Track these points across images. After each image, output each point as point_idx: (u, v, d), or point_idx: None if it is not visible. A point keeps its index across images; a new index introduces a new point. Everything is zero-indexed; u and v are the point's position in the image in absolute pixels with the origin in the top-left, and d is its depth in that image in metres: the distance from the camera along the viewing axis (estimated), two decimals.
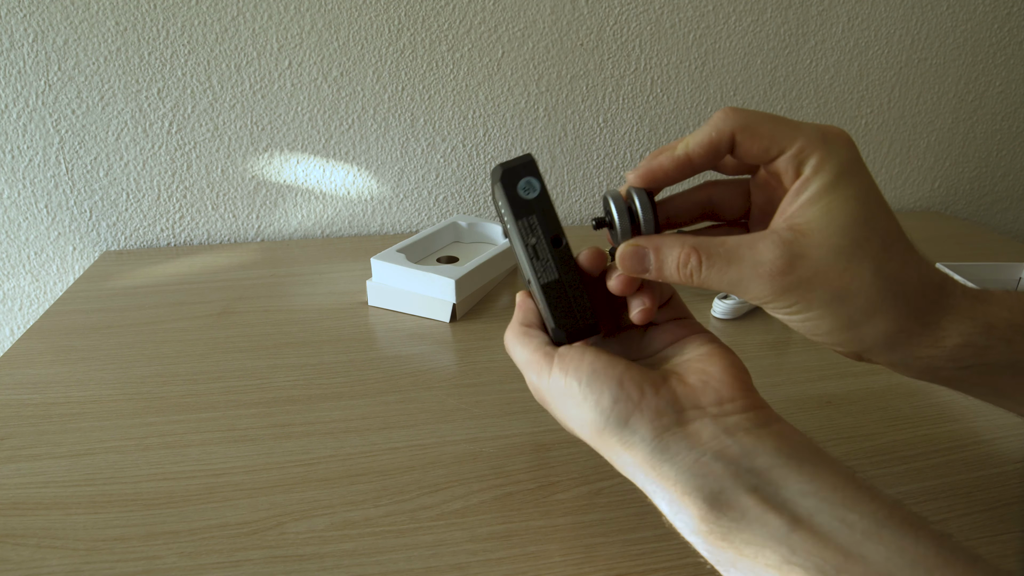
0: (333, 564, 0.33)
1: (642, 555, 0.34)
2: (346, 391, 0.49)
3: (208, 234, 0.82)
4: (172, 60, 0.73)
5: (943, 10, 0.87)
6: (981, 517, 0.37)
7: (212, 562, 0.34)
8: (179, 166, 0.78)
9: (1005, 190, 1.02)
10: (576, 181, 0.88)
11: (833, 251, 0.25)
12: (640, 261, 0.28)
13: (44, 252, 0.79)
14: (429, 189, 0.85)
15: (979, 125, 0.96)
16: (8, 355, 0.54)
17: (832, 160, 0.25)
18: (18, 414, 0.46)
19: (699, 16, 0.82)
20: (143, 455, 0.42)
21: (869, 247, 0.25)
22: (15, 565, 0.33)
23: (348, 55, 0.76)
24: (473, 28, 0.78)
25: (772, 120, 0.27)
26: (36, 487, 0.39)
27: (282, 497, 0.38)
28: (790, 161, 0.26)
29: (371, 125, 0.80)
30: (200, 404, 0.47)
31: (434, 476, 0.40)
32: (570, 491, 0.39)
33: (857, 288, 0.25)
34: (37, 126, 0.73)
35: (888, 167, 0.96)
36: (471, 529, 0.36)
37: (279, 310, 0.62)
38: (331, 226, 0.85)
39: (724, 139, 0.27)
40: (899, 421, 0.46)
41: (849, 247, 0.25)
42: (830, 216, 0.25)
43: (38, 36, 0.70)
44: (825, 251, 0.25)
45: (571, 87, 0.83)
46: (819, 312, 0.26)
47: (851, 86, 0.90)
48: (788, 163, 0.26)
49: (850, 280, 0.25)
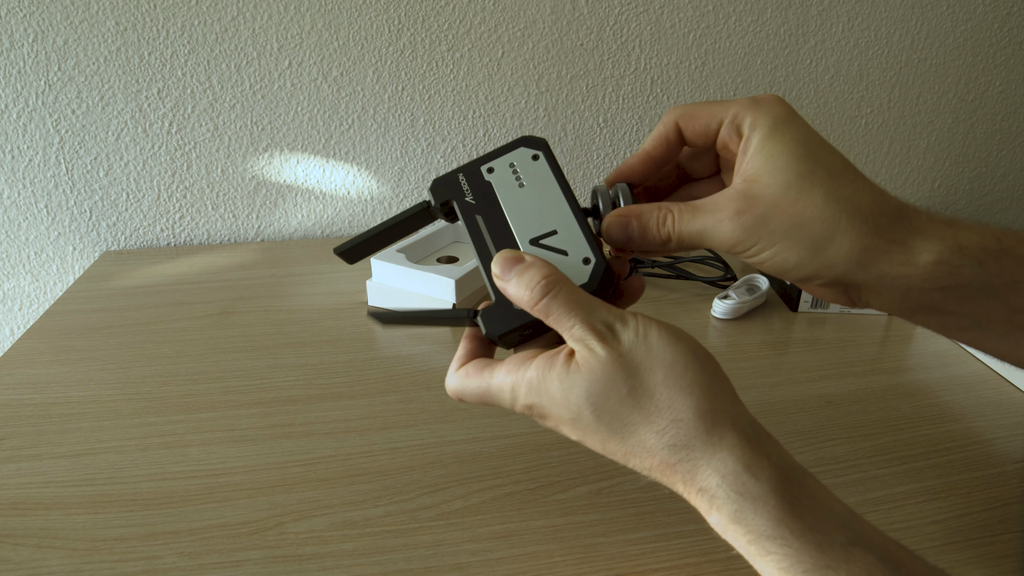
0: (333, 564, 0.34)
1: (642, 555, 0.34)
2: (346, 391, 0.49)
3: (208, 234, 0.82)
4: (172, 60, 0.73)
5: (943, 10, 0.87)
6: (981, 517, 0.37)
7: (212, 562, 0.34)
8: (179, 166, 0.78)
9: (1005, 190, 1.02)
10: (576, 181, 0.88)
11: (782, 187, 0.27)
12: (624, 229, 0.31)
13: (44, 252, 0.79)
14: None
15: (979, 125, 0.96)
16: (8, 355, 0.54)
17: (764, 115, 0.29)
18: (18, 414, 0.46)
19: (699, 16, 0.82)
20: (143, 455, 0.42)
21: (815, 177, 0.27)
22: (15, 565, 0.33)
23: (348, 55, 0.76)
24: (473, 28, 0.78)
25: (707, 103, 0.31)
26: (36, 487, 0.39)
27: (282, 497, 0.38)
28: (730, 129, 0.30)
29: (371, 125, 0.80)
30: (200, 404, 0.47)
31: (434, 476, 0.40)
32: (570, 491, 0.39)
33: (811, 214, 0.27)
34: (37, 126, 0.73)
35: (888, 167, 0.96)
36: (471, 529, 0.36)
37: (279, 310, 0.62)
38: (331, 226, 0.85)
39: (671, 130, 0.31)
40: (899, 421, 0.46)
41: (796, 180, 0.27)
42: (773, 159, 0.28)
43: (38, 36, 0.70)
44: (775, 188, 0.28)
45: (571, 87, 0.83)
46: (783, 244, 0.28)
47: (851, 86, 0.90)
48: (729, 131, 0.30)
49: (803, 207, 0.27)
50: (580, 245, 0.30)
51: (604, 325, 0.27)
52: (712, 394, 0.26)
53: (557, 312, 0.27)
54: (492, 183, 0.33)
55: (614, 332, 0.27)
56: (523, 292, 0.28)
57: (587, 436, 0.28)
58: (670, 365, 0.26)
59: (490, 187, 0.32)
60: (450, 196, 0.32)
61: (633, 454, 0.27)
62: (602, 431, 0.27)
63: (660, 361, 0.26)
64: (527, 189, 0.32)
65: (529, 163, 0.33)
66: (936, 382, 0.51)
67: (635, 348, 0.26)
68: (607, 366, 0.26)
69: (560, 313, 0.27)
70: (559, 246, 0.31)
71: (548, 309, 0.27)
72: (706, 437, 0.25)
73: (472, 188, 0.32)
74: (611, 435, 0.27)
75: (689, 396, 0.26)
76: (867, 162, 0.95)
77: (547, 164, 0.33)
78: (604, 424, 0.27)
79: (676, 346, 0.27)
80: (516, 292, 0.28)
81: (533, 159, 0.33)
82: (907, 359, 0.54)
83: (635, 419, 0.26)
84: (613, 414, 0.26)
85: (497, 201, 0.32)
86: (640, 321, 0.27)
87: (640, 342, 0.27)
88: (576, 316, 0.27)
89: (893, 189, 0.98)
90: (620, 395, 0.26)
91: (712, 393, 0.26)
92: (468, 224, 0.32)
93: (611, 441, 0.27)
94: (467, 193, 0.32)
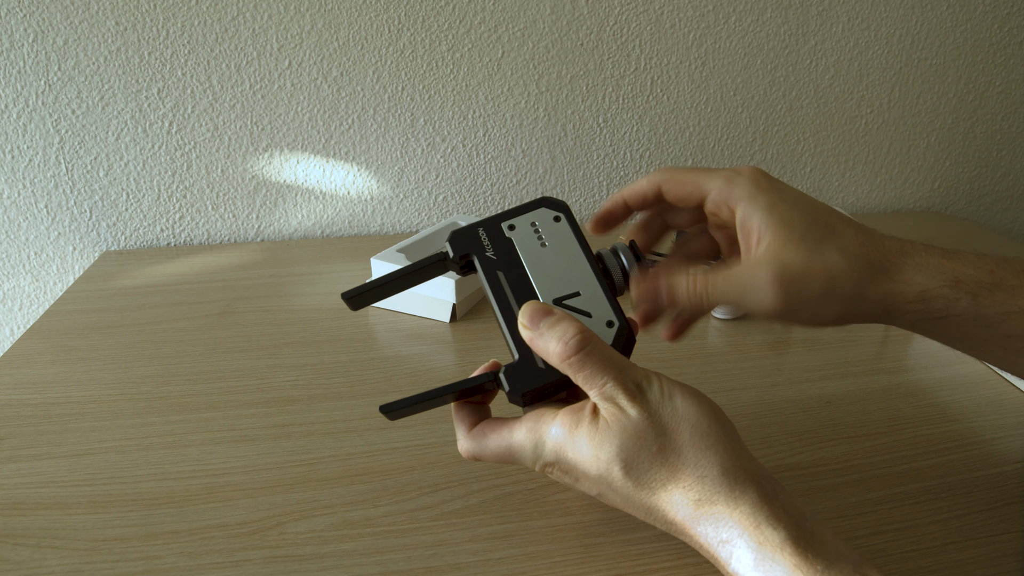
0: (333, 564, 0.34)
1: (642, 555, 0.34)
2: (346, 391, 0.49)
3: (208, 234, 0.82)
4: (172, 60, 0.73)
5: (943, 10, 0.87)
6: (981, 517, 0.37)
7: (212, 562, 0.34)
8: (179, 166, 0.78)
9: (1005, 190, 1.02)
10: (576, 181, 0.88)
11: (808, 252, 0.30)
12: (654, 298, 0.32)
13: (44, 252, 0.79)
14: (429, 189, 0.85)
15: (979, 125, 0.96)
16: (8, 355, 0.54)
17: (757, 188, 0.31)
18: (18, 414, 0.46)
19: (699, 16, 0.82)
20: (143, 455, 0.42)
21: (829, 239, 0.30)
22: (15, 565, 0.33)
23: (348, 55, 0.76)
24: (473, 28, 0.78)
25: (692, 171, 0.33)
26: (36, 487, 0.39)
27: (282, 497, 0.38)
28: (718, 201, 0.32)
29: (371, 125, 0.80)
30: (200, 404, 0.47)
31: (434, 476, 0.40)
32: (570, 491, 0.39)
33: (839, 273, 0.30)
34: (37, 126, 0.73)
35: (888, 167, 0.96)
36: (471, 529, 0.36)
37: (279, 310, 0.62)
38: (331, 226, 0.85)
39: (651, 189, 0.34)
40: (899, 421, 0.46)
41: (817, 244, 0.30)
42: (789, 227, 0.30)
43: (38, 36, 0.70)
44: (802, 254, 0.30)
45: (571, 87, 0.83)
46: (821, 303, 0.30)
47: (851, 86, 0.90)
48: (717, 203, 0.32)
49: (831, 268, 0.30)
50: (603, 308, 0.31)
51: (634, 384, 0.28)
52: (734, 452, 0.28)
53: (591, 368, 0.28)
54: (513, 240, 0.33)
55: (642, 391, 0.28)
56: (556, 344, 0.28)
57: (610, 491, 0.29)
58: (695, 425, 0.28)
59: (511, 244, 0.33)
60: (470, 250, 0.33)
61: (657, 509, 0.28)
62: (628, 487, 0.28)
63: (686, 421, 0.28)
64: (549, 250, 0.33)
65: (551, 224, 0.34)
66: (936, 382, 0.51)
67: (662, 408, 0.28)
68: (638, 424, 0.27)
69: (593, 370, 0.28)
70: (582, 307, 0.31)
71: (582, 365, 0.28)
72: (728, 492, 0.27)
73: (493, 243, 0.33)
74: (638, 491, 0.28)
75: (714, 455, 0.27)
76: (867, 162, 0.95)
77: (568, 226, 0.34)
78: (632, 480, 0.28)
79: (699, 407, 0.28)
80: (547, 344, 0.29)
81: (555, 220, 0.34)
82: (907, 359, 0.54)
83: (663, 476, 0.27)
84: (642, 470, 0.28)
85: (519, 259, 0.32)
86: (664, 382, 0.29)
87: (667, 402, 0.28)
88: (609, 374, 0.28)
89: (893, 189, 0.98)
90: (650, 452, 0.27)
91: (734, 452, 0.28)
92: (488, 279, 0.32)
93: (636, 497, 0.28)
94: (488, 248, 0.33)
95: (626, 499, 0.29)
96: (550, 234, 0.33)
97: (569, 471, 0.29)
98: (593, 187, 0.89)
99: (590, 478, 0.29)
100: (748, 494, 0.26)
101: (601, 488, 0.29)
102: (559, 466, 0.30)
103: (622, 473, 0.28)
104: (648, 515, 0.29)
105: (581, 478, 0.29)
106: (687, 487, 0.27)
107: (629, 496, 0.28)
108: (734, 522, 0.26)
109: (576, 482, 0.30)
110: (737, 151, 0.91)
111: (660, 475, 0.27)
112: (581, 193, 0.89)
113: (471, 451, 0.32)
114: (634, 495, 0.28)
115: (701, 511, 0.27)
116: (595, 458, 0.28)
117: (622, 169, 0.89)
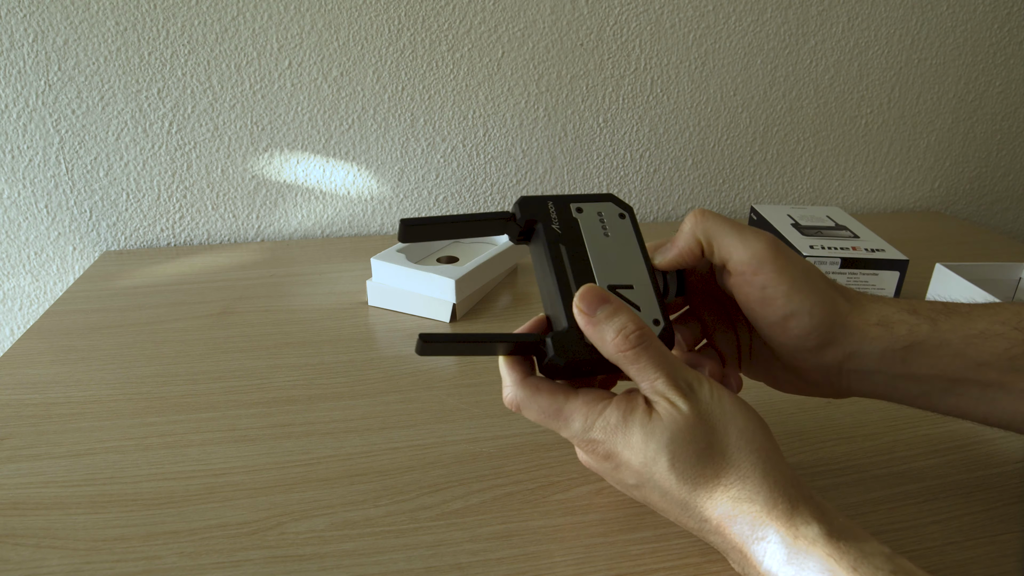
0: (333, 564, 0.34)
1: (642, 555, 0.34)
2: (346, 391, 0.49)
3: (208, 234, 0.82)
4: (172, 60, 0.73)
5: (943, 10, 0.87)
6: (981, 517, 0.37)
7: (212, 562, 0.34)
8: (179, 166, 0.78)
9: (1005, 190, 1.02)
10: (576, 181, 0.88)
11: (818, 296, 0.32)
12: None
13: (44, 252, 0.79)
14: (429, 189, 0.85)
15: (979, 125, 0.96)
16: (8, 355, 0.54)
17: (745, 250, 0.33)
18: (18, 414, 0.46)
19: (699, 16, 0.82)
20: (143, 455, 0.42)
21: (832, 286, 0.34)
22: (15, 565, 0.33)
23: (348, 55, 0.76)
24: (473, 28, 0.78)
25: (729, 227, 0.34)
26: (36, 487, 0.39)
27: (282, 497, 0.38)
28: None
29: (371, 125, 0.80)
30: (200, 404, 0.47)
31: (434, 476, 0.40)
32: (570, 491, 0.39)
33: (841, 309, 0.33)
34: (37, 126, 0.73)
35: (888, 167, 0.96)
36: (471, 529, 0.36)
37: (279, 310, 0.63)
38: (331, 226, 0.85)
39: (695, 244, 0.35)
40: (899, 421, 0.46)
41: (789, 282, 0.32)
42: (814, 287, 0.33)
43: (38, 36, 0.70)
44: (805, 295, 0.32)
45: (571, 87, 0.83)
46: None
47: (851, 86, 0.90)
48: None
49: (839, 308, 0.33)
50: (652, 306, 0.32)
51: (685, 383, 0.29)
52: (775, 459, 0.29)
53: (644, 363, 0.29)
54: (579, 221, 0.34)
55: (693, 390, 0.29)
56: (612, 335, 0.29)
57: (649, 484, 0.29)
58: (742, 429, 0.29)
59: (577, 224, 0.34)
60: (537, 217, 0.33)
61: (695, 506, 0.29)
62: (671, 481, 0.29)
63: (734, 424, 0.29)
64: (611, 240, 0.34)
65: (616, 218, 0.35)
66: None
67: (712, 408, 0.29)
68: (689, 420, 0.28)
69: (647, 364, 0.29)
70: (634, 300, 0.32)
71: (636, 358, 0.29)
72: (768, 494, 0.27)
73: (560, 218, 0.34)
74: (679, 485, 0.29)
75: (757, 458, 0.28)
76: (867, 162, 0.95)
77: (631, 225, 0.35)
78: (676, 474, 0.28)
79: (746, 413, 0.29)
80: (603, 334, 0.29)
81: (620, 216, 0.35)
82: None
83: (707, 473, 0.28)
84: (687, 465, 0.28)
85: (582, 239, 0.33)
86: (713, 384, 0.30)
87: (716, 403, 0.29)
88: (662, 371, 0.29)
89: (893, 189, 0.98)
90: (698, 448, 0.28)
91: (775, 458, 0.29)
92: (550, 249, 0.32)
93: (676, 491, 0.29)
94: (554, 221, 0.33)
95: (664, 493, 0.29)
96: (613, 227, 0.34)
97: (611, 456, 0.30)
98: (593, 187, 0.89)
99: (632, 467, 0.29)
100: (786, 496, 0.27)
101: (641, 479, 0.30)
102: (603, 448, 0.30)
103: (667, 465, 0.28)
104: (683, 511, 0.29)
105: (622, 466, 0.30)
106: (728, 485, 0.28)
107: (669, 490, 0.29)
108: (771, 520, 0.27)
109: (615, 469, 0.30)
110: (737, 151, 0.91)
111: (705, 472, 0.28)
112: (581, 193, 0.89)
113: (518, 401, 0.32)
114: (675, 489, 0.29)
115: (739, 510, 0.28)
116: (643, 446, 0.29)
117: (622, 169, 0.89)
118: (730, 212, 0.95)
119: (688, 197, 0.92)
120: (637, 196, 0.91)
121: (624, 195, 0.91)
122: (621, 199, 0.35)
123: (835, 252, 0.60)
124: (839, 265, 0.59)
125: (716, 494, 0.28)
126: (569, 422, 0.31)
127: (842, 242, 0.62)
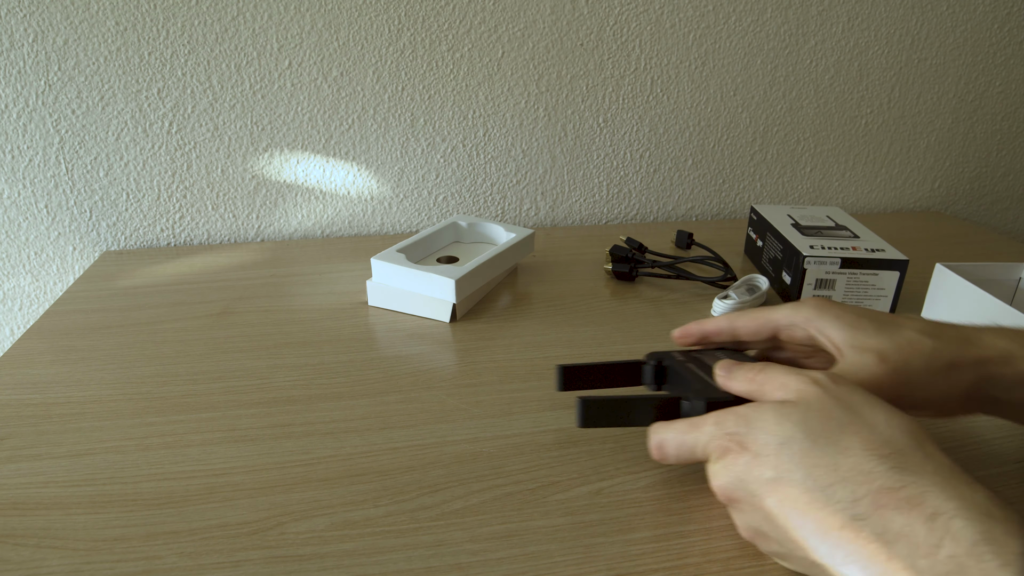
0: (333, 564, 0.34)
1: (642, 555, 0.34)
2: (346, 391, 0.49)
3: (208, 234, 0.82)
4: (172, 60, 0.73)
5: (943, 10, 0.87)
6: None
7: (212, 562, 0.34)
8: (179, 166, 0.78)
9: (1005, 190, 1.02)
10: (576, 181, 0.88)
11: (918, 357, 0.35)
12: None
13: (44, 252, 0.79)
14: (429, 189, 0.85)
15: (979, 125, 0.96)
16: (8, 355, 0.54)
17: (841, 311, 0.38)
18: (18, 414, 0.46)
19: (699, 16, 0.82)
20: (143, 455, 0.42)
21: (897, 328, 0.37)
22: (15, 565, 0.33)
23: (348, 55, 0.76)
24: (473, 28, 0.78)
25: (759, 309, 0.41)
26: (36, 487, 0.39)
27: (282, 497, 0.38)
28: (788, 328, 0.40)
29: (371, 125, 0.80)
30: (200, 404, 0.47)
31: (434, 476, 0.40)
32: (570, 491, 0.39)
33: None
34: (37, 126, 0.73)
35: (888, 167, 0.96)
36: (471, 529, 0.36)
37: (279, 310, 0.63)
38: (331, 226, 0.85)
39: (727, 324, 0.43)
40: None
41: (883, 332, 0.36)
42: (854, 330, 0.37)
43: (38, 36, 0.70)
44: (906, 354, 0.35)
45: (571, 87, 0.83)
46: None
47: (851, 86, 0.90)
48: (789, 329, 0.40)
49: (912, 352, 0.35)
50: None
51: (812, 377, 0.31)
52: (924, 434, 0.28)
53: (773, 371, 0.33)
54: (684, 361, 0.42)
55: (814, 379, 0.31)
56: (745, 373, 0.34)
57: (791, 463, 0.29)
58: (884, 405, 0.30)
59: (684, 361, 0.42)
60: (661, 358, 0.41)
61: (847, 479, 0.27)
62: (814, 454, 0.28)
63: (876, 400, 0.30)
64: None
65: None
66: None
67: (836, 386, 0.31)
68: (823, 396, 0.30)
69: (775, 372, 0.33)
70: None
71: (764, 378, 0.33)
72: (934, 467, 0.26)
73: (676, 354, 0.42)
74: (823, 457, 0.28)
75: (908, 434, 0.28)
76: (867, 162, 0.95)
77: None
78: (819, 448, 0.28)
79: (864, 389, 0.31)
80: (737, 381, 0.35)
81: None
82: None
83: (853, 443, 0.28)
84: (829, 438, 0.28)
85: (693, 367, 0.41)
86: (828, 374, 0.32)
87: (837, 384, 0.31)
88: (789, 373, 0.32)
89: (893, 189, 0.98)
90: (839, 421, 0.29)
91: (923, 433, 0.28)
92: (682, 367, 0.40)
93: (821, 464, 0.28)
94: (679, 355, 0.42)
95: (808, 471, 0.28)
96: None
97: (746, 446, 0.30)
98: (593, 187, 0.89)
99: (770, 449, 0.29)
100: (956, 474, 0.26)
101: (781, 459, 0.29)
102: (736, 438, 0.31)
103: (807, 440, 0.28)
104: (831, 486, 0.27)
105: (761, 454, 0.30)
106: (884, 456, 0.27)
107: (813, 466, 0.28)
108: (949, 492, 0.25)
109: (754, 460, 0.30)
110: (737, 151, 0.91)
111: (850, 441, 0.28)
112: (581, 193, 0.89)
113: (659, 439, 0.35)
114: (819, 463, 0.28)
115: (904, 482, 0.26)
116: (779, 426, 0.29)
117: (622, 169, 0.89)
118: (730, 212, 0.95)
119: (688, 197, 0.93)
120: (637, 196, 0.91)
121: (624, 195, 0.91)
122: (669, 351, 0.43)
123: (835, 252, 0.60)
124: (839, 265, 0.59)
125: (869, 465, 0.27)
126: (702, 428, 0.33)
127: (842, 242, 0.62)
